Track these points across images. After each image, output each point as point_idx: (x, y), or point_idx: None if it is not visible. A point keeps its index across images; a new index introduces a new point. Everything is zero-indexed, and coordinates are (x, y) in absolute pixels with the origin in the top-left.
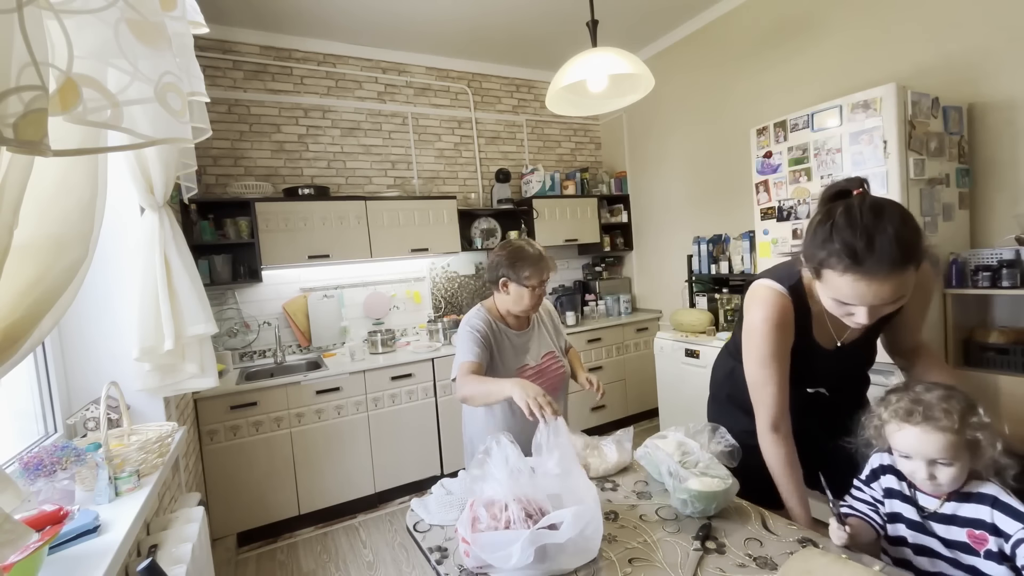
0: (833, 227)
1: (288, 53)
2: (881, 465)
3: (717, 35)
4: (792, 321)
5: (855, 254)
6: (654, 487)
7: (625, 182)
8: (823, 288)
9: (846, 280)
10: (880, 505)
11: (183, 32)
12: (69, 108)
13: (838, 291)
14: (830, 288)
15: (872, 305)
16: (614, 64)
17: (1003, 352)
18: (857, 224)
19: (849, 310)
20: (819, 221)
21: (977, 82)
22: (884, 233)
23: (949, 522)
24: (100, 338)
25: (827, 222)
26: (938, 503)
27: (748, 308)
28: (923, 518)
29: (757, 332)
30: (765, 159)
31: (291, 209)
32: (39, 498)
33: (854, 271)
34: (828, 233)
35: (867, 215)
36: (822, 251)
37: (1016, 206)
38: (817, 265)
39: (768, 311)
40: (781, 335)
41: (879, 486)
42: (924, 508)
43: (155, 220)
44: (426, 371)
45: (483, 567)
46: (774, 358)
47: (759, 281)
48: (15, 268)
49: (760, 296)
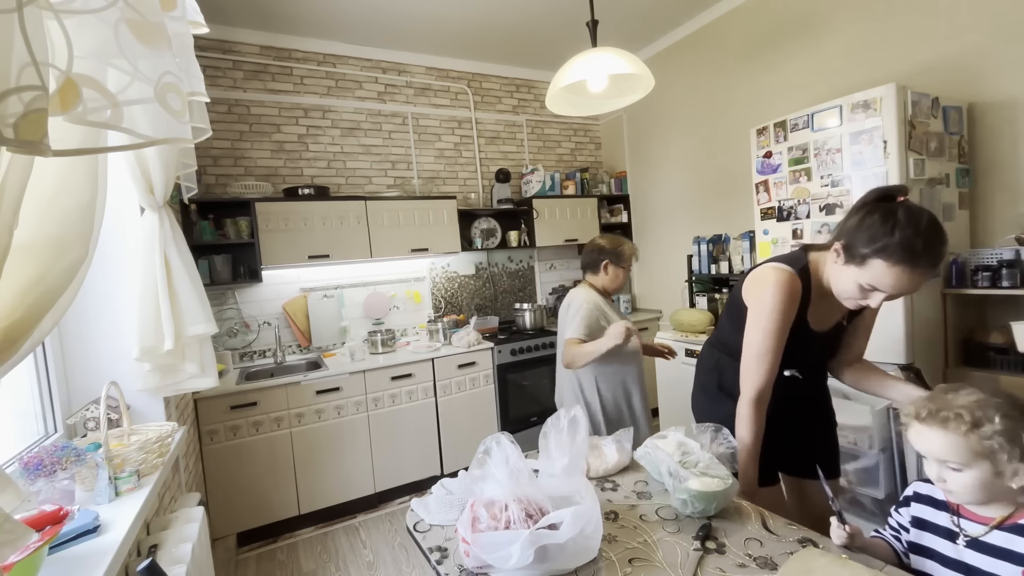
0: (896, 224)
1: (288, 53)
2: (915, 493)
3: (717, 35)
4: (799, 300)
5: (914, 251)
6: (654, 487)
7: (625, 182)
8: (858, 273)
9: (896, 271)
10: (904, 532)
11: (183, 32)
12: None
13: (879, 279)
14: (870, 275)
15: (899, 294)
16: (614, 64)
17: (1003, 352)
18: (920, 226)
19: (868, 296)
20: (879, 218)
21: (977, 82)
22: (939, 239)
23: (997, 555)
24: (100, 338)
25: (888, 219)
26: (983, 530)
27: (758, 285)
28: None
29: (768, 306)
30: (765, 159)
31: (291, 209)
32: (39, 498)
33: (906, 264)
34: (890, 229)
35: (927, 220)
36: (878, 242)
37: (1016, 206)
38: (866, 254)
39: (781, 288)
40: (790, 311)
41: (908, 513)
42: (964, 532)
43: (155, 220)
44: (426, 371)
45: (483, 567)
46: (779, 333)
47: (767, 264)
48: (15, 268)
49: (772, 276)
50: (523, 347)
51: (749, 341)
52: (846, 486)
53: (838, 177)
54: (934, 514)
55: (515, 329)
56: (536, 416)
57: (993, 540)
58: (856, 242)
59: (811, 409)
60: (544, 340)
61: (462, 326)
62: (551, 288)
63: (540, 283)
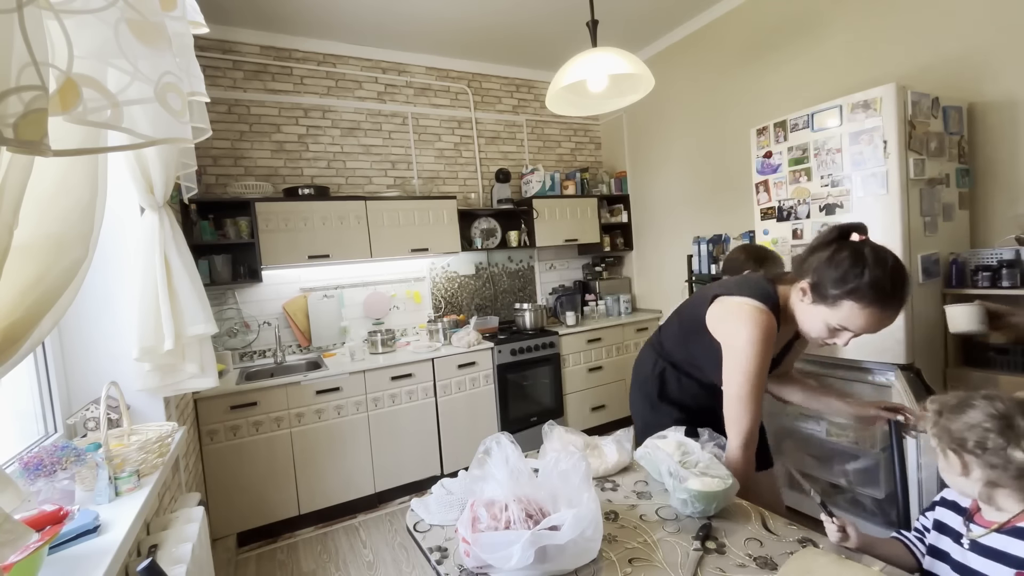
0: (866, 265)
1: (288, 53)
2: (942, 498)
3: (717, 35)
4: (775, 337)
5: (884, 292)
6: (654, 487)
7: (625, 182)
8: (827, 313)
9: (867, 312)
10: (927, 534)
11: (183, 32)
12: (69, 108)
13: (850, 320)
14: (840, 316)
15: (866, 333)
16: (614, 64)
17: (1003, 352)
18: (887, 266)
19: (839, 334)
20: (848, 258)
21: (977, 82)
22: (904, 279)
23: (992, 557)
24: (100, 338)
25: (858, 261)
26: (982, 532)
27: (735, 323)
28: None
29: (747, 351)
30: (765, 159)
31: (291, 209)
32: (39, 498)
33: (877, 305)
34: (860, 270)
35: (892, 260)
36: (849, 284)
37: (1016, 206)
38: (837, 295)
39: (759, 331)
40: (769, 352)
41: (932, 516)
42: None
43: (155, 220)
44: (426, 371)
45: (483, 567)
46: (761, 375)
47: (742, 300)
48: (15, 268)
49: (748, 315)
50: (523, 347)
51: (731, 385)
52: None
53: (838, 177)
54: (952, 518)
55: (515, 329)
56: (536, 416)
57: (990, 542)
58: (825, 282)
59: None
60: (544, 340)
61: (462, 326)
62: (551, 288)
63: (540, 283)
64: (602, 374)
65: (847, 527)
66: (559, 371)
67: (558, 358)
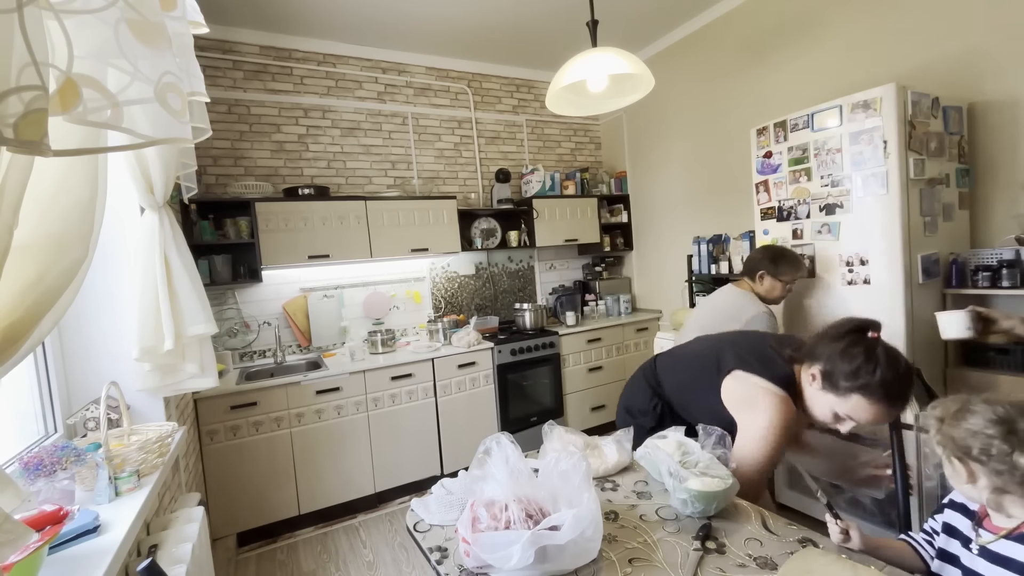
0: (878, 364)
1: (288, 53)
2: (951, 500)
3: (717, 35)
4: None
5: (893, 392)
6: (654, 487)
7: (625, 182)
8: (836, 402)
9: (875, 408)
10: (936, 537)
11: (183, 32)
12: (69, 108)
13: (857, 412)
14: (848, 407)
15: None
16: (614, 64)
17: (1003, 352)
18: (899, 369)
19: (843, 423)
20: (861, 355)
21: (977, 82)
22: (912, 382)
23: (1000, 563)
24: (100, 338)
25: (871, 359)
26: (991, 538)
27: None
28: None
29: (767, 437)
30: (765, 159)
31: (291, 209)
32: (39, 498)
33: (885, 403)
34: (872, 368)
35: (904, 364)
36: (860, 379)
37: (1016, 206)
38: (848, 388)
39: (780, 420)
40: (785, 439)
41: (941, 519)
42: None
43: (155, 220)
44: (426, 371)
45: (483, 567)
46: (774, 459)
47: (759, 381)
48: (15, 268)
49: (772, 405)
50: (523, 347)
51: (747, 462)
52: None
53: (838, 177)
54: (961, 521)
55: (515, 329)
56: (536, 416)
57: (999, 548)
58: (837, 374)
59: None
60: (544, 340)
61: (462, 326)
62: (551, 288)
63: (540, 283)
64: (602, 374)
65: (851, 530)
66: (559, 371)
67: (558, 358)
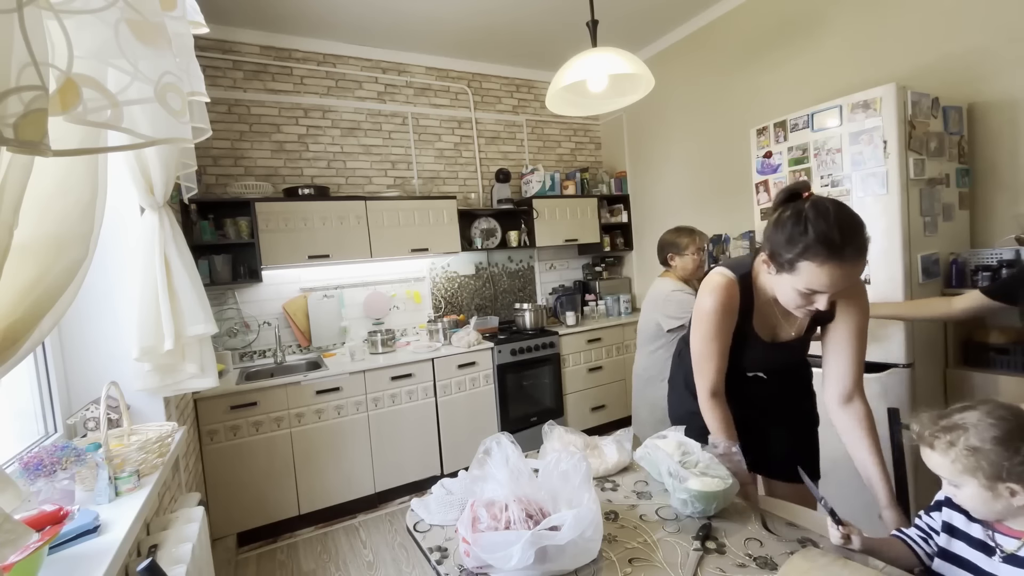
0: (807, 221)
1: (288, 53)
2: (947, 498)
3: (717, 35)
4: (737, 306)
5: (834, 244)
6: (654, 487)
7: (625, 182)
8: (792, 280)
9: (824, 269)
10: (934, 536)
11: (183, 32)
12: (69, 108)
13: (812, 281)
14: (803, 279)
15: (837, 291)
16: (614, 64)
17: (1003, 352)
18: (830, 218)
19: (812, 299)
20: (789, 219)
21: (977, 82)
22: (853, 224)
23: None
24: (100, 338)
25: (799, 220)
26: (1017, 544)
27: (701, 292)
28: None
29: (706, 314)
30: (765, 159)
31: (291, 209)
32: (39, 498)
33: (833, 260)
34: (804, 228)
35: (838, 212)
36: (797, 245)
37: (1016, 206)
38: (792, 259)
39: (719, 296)
40: (726, 318)
41: (939, 517)
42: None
43: (155, 220)
44: (426, 371)
45: (483, 567)
46: (717, 338)
47: (716, 268)
48: (15, 268)
49: (712, 282)
50: (523, 347)
51: (693, 345)
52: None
53: (838, 177)
54: (966, 523)
55: (515, 329)
56: (536, 416)
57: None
58: (778, 250)
59: (781, 408)
60: (544, 340)
61: (462, 326)
62: (551, 288)
63: (540, 283)
64: (602, 374)
65: (852, 535)
66: (559, 371)
67: (558, 358)
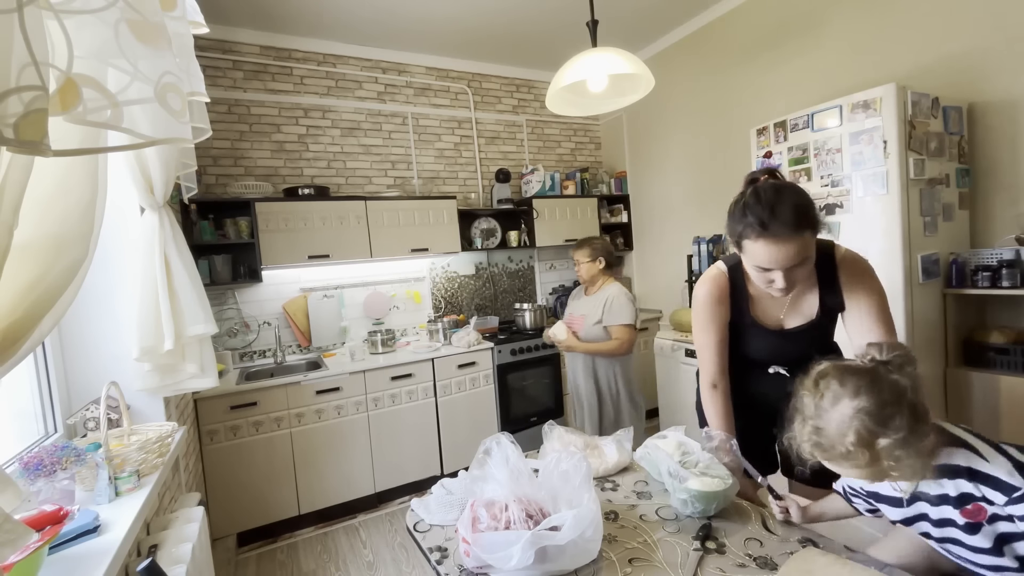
0: (745, 205)
1: (288, 53)
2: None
3: (717, 35)
4: (727, 296)
5: (763, 222)
6: (654, 487)
7: (625, 182)
8: (746, 259)
9: (759, 245)
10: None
11: (183, 32)
12: (69, 108)
13: (755, 257)
14: (749, 256)
15: (784, 268)
16: (614, 64)
17: (1003, 352)
18: (762, 198)
19: (768, 276)
20: (734, 204)
21: (977, 82)
22: (783, 203)
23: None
24: (100, 338)
25: (739, 204)
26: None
27: (695, 286)
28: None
29: (698, 303)
30: (765, 159)
31: (291, 209)
32: (39, 498)
33: (765, 236)
34: (743, 211)
35: (769, 192)
36: (739, 225)
37: (1016, 206)
38: (738, 239)
39: (708, 286)
40: (717, 307)
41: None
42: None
43: (155, 220)
44: (426, 371)
45: (483, 567)
46: (709, 328)
47: (715, 263)
48: (15, 268)
49: (704, 275)
50: (523, 347)
51: (693, 337)
52: None
53: (838, 177)
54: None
55: (515, 329)
56: (536, 416)
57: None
58: (729, 232)
59: None
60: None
61: (462, 326)
62: (551, 288)
63: (540, 283)
64: None
65: (789, 507)
66: (559, 371)
67: (558, 358)
